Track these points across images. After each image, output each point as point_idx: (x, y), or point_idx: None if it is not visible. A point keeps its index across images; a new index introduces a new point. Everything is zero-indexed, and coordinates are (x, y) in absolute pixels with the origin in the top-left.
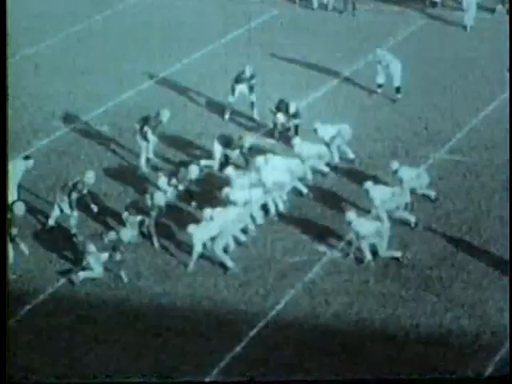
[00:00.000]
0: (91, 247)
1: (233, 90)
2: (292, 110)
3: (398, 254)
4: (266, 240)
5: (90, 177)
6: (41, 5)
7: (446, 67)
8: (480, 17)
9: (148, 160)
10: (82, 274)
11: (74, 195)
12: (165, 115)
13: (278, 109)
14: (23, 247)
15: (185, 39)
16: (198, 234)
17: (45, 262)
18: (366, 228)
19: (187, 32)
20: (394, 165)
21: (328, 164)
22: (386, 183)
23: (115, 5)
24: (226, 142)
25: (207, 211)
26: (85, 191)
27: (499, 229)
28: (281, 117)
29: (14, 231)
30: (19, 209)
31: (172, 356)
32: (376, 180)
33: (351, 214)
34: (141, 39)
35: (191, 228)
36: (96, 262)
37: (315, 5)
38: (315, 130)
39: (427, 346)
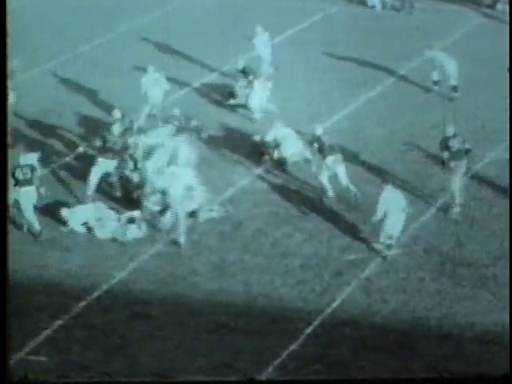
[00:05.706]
0: None
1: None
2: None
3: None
4: (323, 237)
5: None
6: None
7: (502, 66)
8: None
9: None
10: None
11: None
12: (116, 114)
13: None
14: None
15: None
16: None
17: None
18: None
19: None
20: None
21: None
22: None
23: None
24: None
25: None
26: None
27: None
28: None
29: None
30: None
31: (227, 353)
32: (433, 177)
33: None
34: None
35: None
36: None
37: (371, 3)
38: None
39: (483, 344)
